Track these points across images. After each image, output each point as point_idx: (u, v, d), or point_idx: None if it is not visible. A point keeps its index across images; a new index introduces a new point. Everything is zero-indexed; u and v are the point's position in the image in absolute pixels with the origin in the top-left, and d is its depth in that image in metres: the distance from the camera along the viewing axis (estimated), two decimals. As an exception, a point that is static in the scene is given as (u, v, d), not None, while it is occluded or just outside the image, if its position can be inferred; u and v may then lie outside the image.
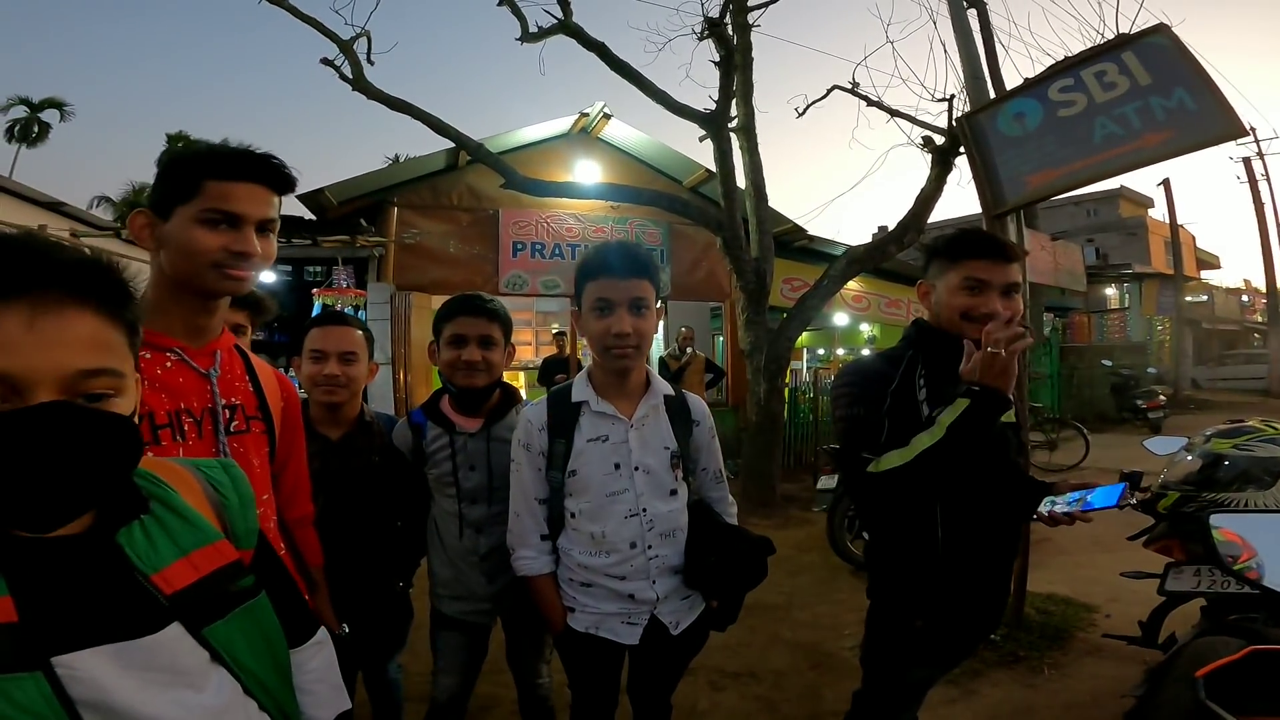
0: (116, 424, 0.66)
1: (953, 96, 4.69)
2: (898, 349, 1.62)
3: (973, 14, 6.98)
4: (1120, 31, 3.40)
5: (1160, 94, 2.49)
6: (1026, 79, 3.00)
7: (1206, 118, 2.37)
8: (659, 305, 1.58)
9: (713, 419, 1.72)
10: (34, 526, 0.63)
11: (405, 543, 1.94)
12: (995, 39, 7.65)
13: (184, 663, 0.70)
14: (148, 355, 1.12)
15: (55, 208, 10.04)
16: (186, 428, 1.14)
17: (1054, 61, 3.01)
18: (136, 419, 0.72)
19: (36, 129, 30.04)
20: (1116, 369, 12.77)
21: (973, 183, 3.07)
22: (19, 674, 0.59)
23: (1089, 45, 3.00)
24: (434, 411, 1.83)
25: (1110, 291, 20.78)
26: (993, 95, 4.32)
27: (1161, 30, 2.61)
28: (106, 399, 0.66)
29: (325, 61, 6.22)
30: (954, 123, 3.84)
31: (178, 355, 1.16)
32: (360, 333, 1.94)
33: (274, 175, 1.17)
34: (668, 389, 1.63)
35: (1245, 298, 28.24)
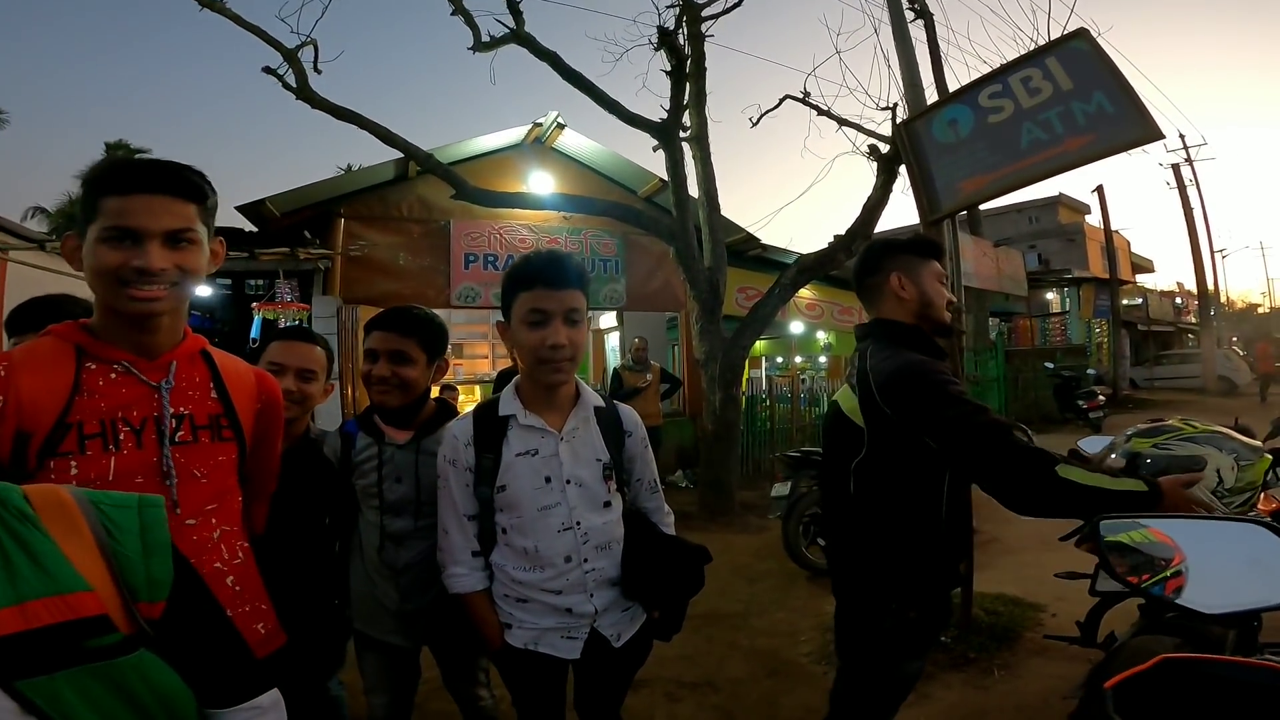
0: None
1: (895, 105, 4.81)
2: (899, 344, 1.64)
3: (920, 24, 7.20)
4: (1050, 38, 3.51)
5: (1081, 98, 2.57)
6: (960, 86, 3.08)
7: (1124, 121, 2.45)
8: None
9: (645, 429, 1.70)
10: None
11: (341, 560, 1.88)
12: (939, 48, 7.91)
13: None
14: (93, 366, 1.13)
15: (-26, 214, 9.48)
16: (123, 437, 1.12)
17: (990, 69, 3.09)
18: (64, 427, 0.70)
19: None
20: (1058, 371, 13.21)
21: (909, 191, 3.13)
22: None
23: (1023, 52, 3.10)
24: (366, 421, 1.80)
25: (1051, 296, 21.57)
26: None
27: (1082, 35, 2.70)
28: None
29: (268, 70, 6.03)
30: (894, 130, 3.93)
31: (124, 367, 1.15)
32: (322, 351, 1.93)
33: (175, 182, 1.12)
34: (598, 400, 1.61)
35: (1178, 300, 29.68)
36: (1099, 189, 18.76)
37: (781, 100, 6.74)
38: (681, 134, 6.48)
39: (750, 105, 6.76)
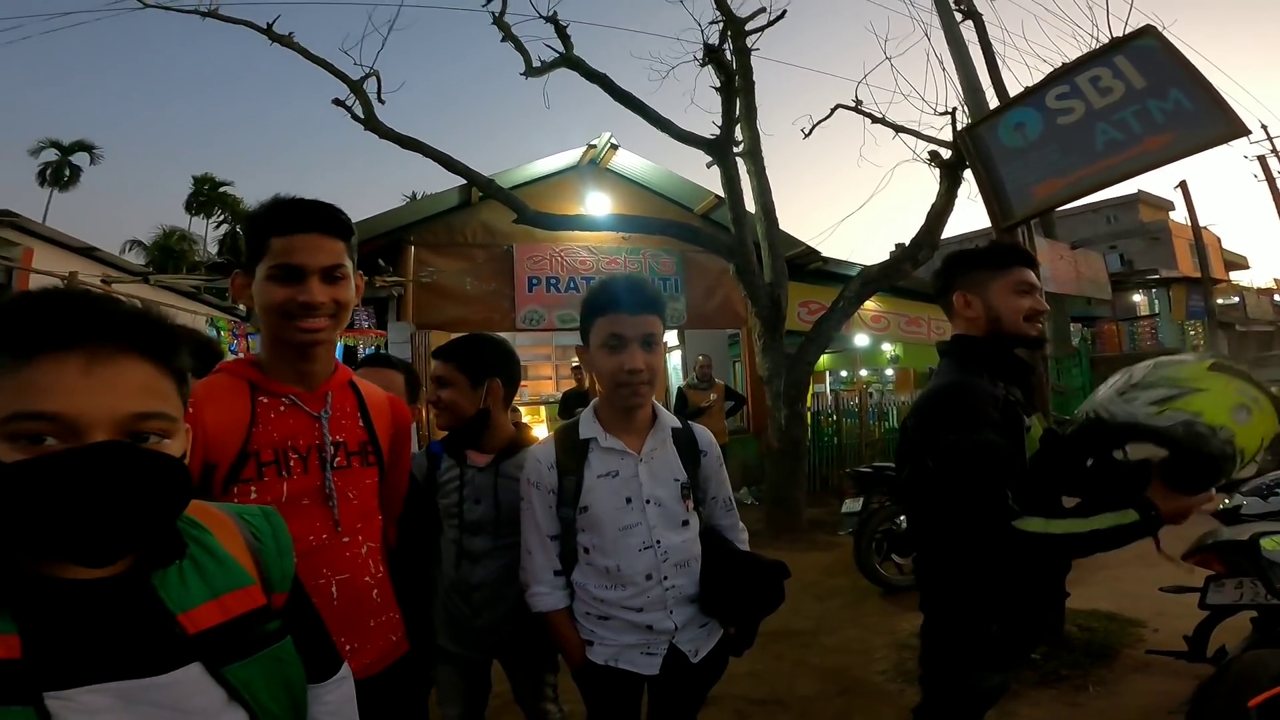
0: (169, 464, 0.70)
1: (954, 110, 4.68)
2: (966, 366, 1.59)
3: (969, 25, 7.00)
4: (1113, 35, 3.38)
5: (1157, 96, 2.47)
6: (1024, 89, 3.00)
7: (1205, 118, 2.34)
8: (669, 337, 1.63)
9: (719, 448, 1.73)
10: (89, 561, 0.67)
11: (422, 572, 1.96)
12: (993, 49, 7.65)
13: (194, 702, 0.72)
14: (265, 400, 1.25)
15: (88, 253, 10.41)
16: (292, 464, 1.24)
17: (1052, 69, 3.00)
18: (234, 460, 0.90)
19: (68, 172, 30.92)
20: (1149, 377, 12.33)
21: (979, 197, 3.05)
22: (10, 707, 0.62)
23: (1084, 50, 2.99)
24: (450, 444, 1.90)
25: (1138, 298, 20.37)
26: (993, 106, 4.30)
27: (1149, 32, 2.61)
28: (159, 441, 0.70)
29: (337, 102, 6.38)
30: (956, 136, 3.83)
31: (291, 400, 1.27)
32: (402, 377, 2.07)
33: (327, 221, 1.24)
34: (674, 421, 1.65)
35: (1278, 297, 27.49)
36: (1182, 184, 17.67)
37: (834, 110, 6.65)
38: (734, 149, 6.50)
39: (801, 116, 6.70)
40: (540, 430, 9.47)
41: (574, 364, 9.16)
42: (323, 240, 1.22)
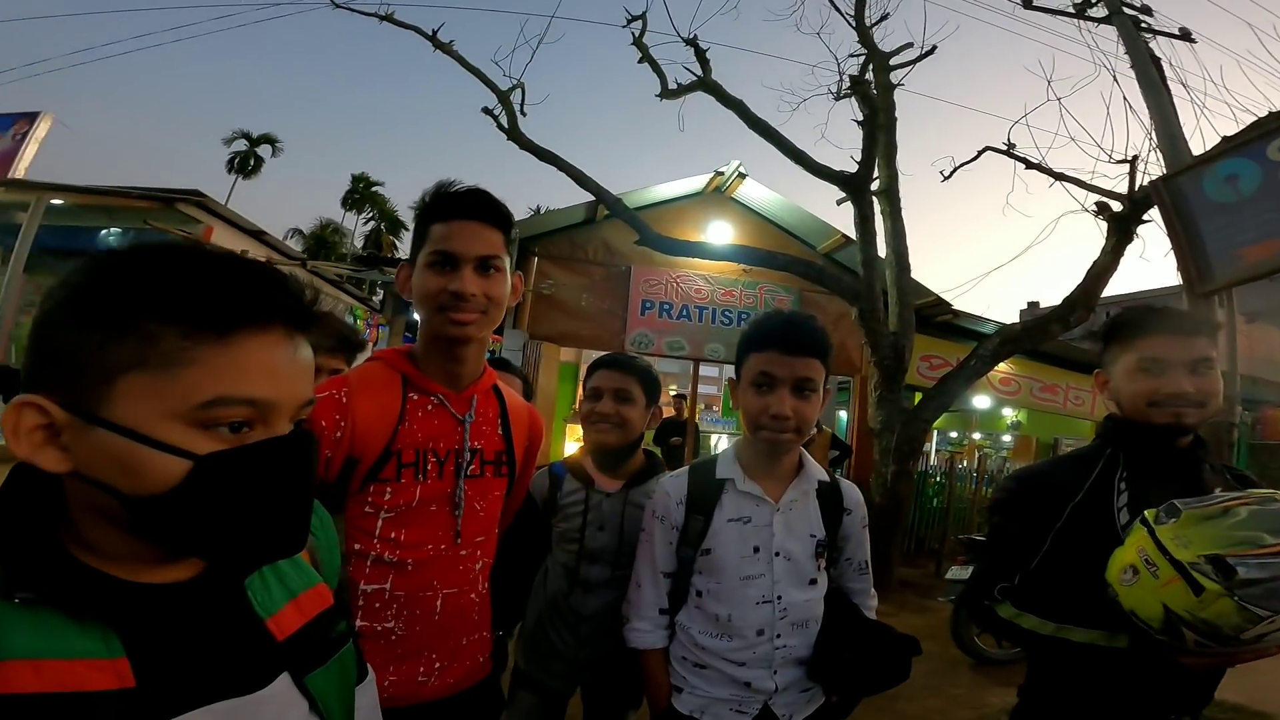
0: (316, 449, 0.67)
1: (1135, 158, 4.21)
2: (1091, 448, 1.45)
3: (1167, 62, 6.38)
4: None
5: None
6: (1235, 135, 2.59)
7: None
8: (829, 388, 1.50)
9: (865, 508, 1.61)
10: (290, 550, 0.63)
11: (518, 591, 1.90)
12: (1174, 95, 6.92)
13: (289, 718, 0.65)
14: (415, 397, 1.21)
15: (258, 236, 11.62)
16: (430, 467, 1.20)
17: (1257, 118, 2.59)
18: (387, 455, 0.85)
19: (252, 162, 34.74)
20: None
21: (1170, 256, 2.67)
22: None
23: None
24: (576, 466, 1.83)
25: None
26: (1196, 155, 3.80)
27: None
28: (302, 425, 0.67)
29: (486, 111, 6.75)
30: (1145, 186, 3.41)
31: (439, 400, 1.23)
32: (521, 383, 2.06)
33: (486, 209, 1.18)
34: (822, 474, 1.55)
35: None
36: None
37: (981, 152, 6.25)
38: (870, 187, 6.23)
39: (941, 157, 6.33)
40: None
41: (674, 392, 9.08)
42: (480, 229, 1.17)
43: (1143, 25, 4.69)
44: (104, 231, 11.45)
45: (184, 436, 0.54)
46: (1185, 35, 4.92)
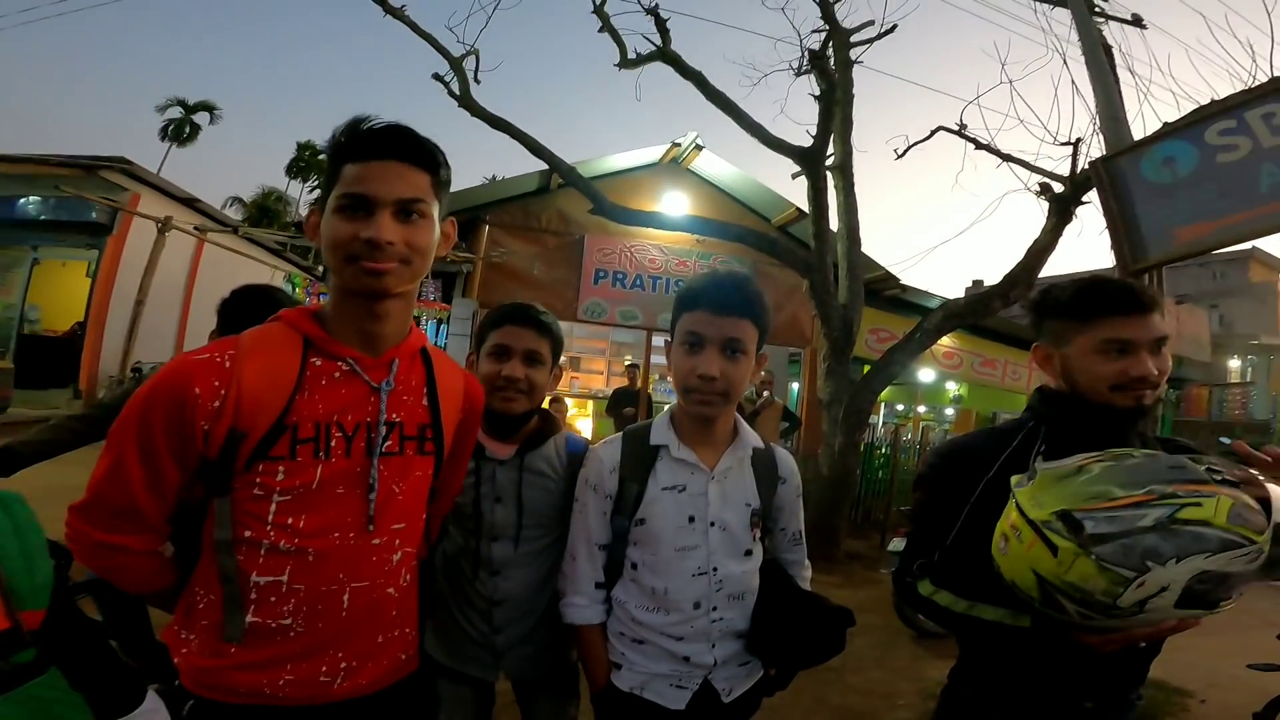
0: None
1: (1079, 141, 4.33)
2: (1015, 421, 1.41)
3: (1117, 49, 6.55)
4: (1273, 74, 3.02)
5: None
6: (1176, 119, 2.67)
7: None
8: (761, 352, 1.42)
9: (800, 477, 1.57)
10: None
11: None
12: (1121, 81, 7.15)
13: None
14: (318, 363, 1.05)
15: (190, 203, 11.04)
16: (334, 444, 1.04)
17: (1197, 106, 2.68)
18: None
19: (189, 129, 32.88)
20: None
21: (1105, 234, 2.76)
22: None
23: (1238, 89, 2.66)
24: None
25: (1234, 363, 18.96)
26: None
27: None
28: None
29: (436, 77, 6.50)
30: (1087, 166, 3.52)
31: (349, 365, 1.07)
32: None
33: (409, 148, 1.03)
34: (757, 441, 1.49)
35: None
36: (1307, 249, 16.32)
37: (934, 132, 6.34)
38: (825, 162, 6.27)
39: (896, 135, 6.40)
40: (584, 425, 9.46)
41: (628, 362, 9.07)
42: (401, 168, 1.02)
43: (1096, 10, 4.79)
44: (23, 200, 10.82)
45: None
46: (1137, 21, 5.05)
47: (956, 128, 5.98)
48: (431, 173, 1.06)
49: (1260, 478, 1.08)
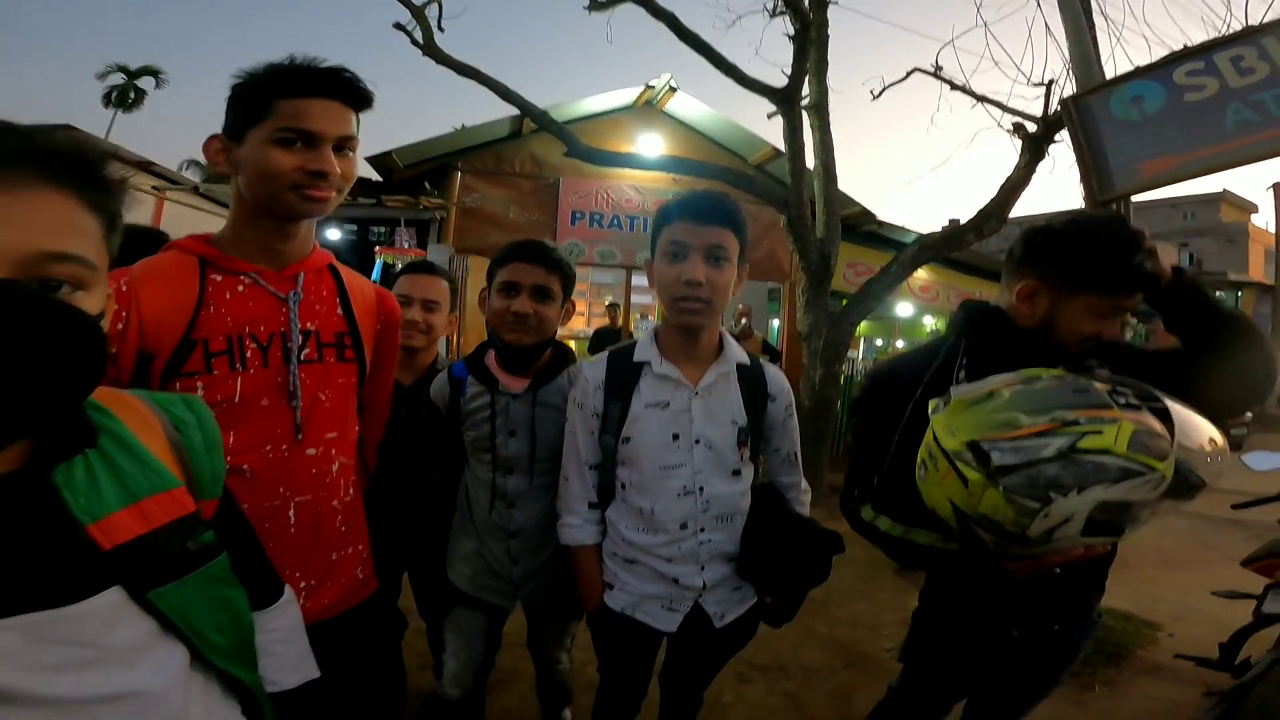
0: (82, 320, 0.54)
1: (1051, 81, 4.35)
2: (939, 339, 1.41)
3: None
4: (1248, 24, 3.06)
5: (1307, 81, 2.22)
6: (1149, 62, 2.73)
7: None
8: (744, 266, 1.43)
9: (792, 395, 1.56)
10: None
11: (445, 513, 1.78)
12: (1096, 27, 7.09)
13: (118, 636, 0.58)
14: (219, 279, 1.07)
15: (144, 167, 10.57)
16: (249, 354, 1.06)
17: (1170, 51, 2.73)
18: (109, 331, 0.63)
19: (133, 95, 31.03)
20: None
21: (1075, 169, 2.84)
22: None
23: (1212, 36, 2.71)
24: (477, 366, 1.63)
25: (1199, 299, 19.51)
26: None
27: (1312, 17, 2.33)
28: (71, 292, 0.55)
29: (398, 26, 6.23)
30: (1058, 105, 3.56)
31: (252, 279, 1.10)
32: (445, 283, 1.96)
33: (348, 90, 1.10)
34: (742, 356, 1.47)
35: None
36: (1276, 186, 16.58)
37: (909, 73, 6.28)
38: (800, 101, 6.19)
39: (872, 77, 6.33)
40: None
41: (608, 302, 9.09)
42: (340, 108, 1.08)
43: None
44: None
45: None
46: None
47: (932, 69, 5.93)
48: (359, 111, 1.12)
49: (1166, 398, 1.03)
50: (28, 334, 0.50)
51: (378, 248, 7.34)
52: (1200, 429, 1.05)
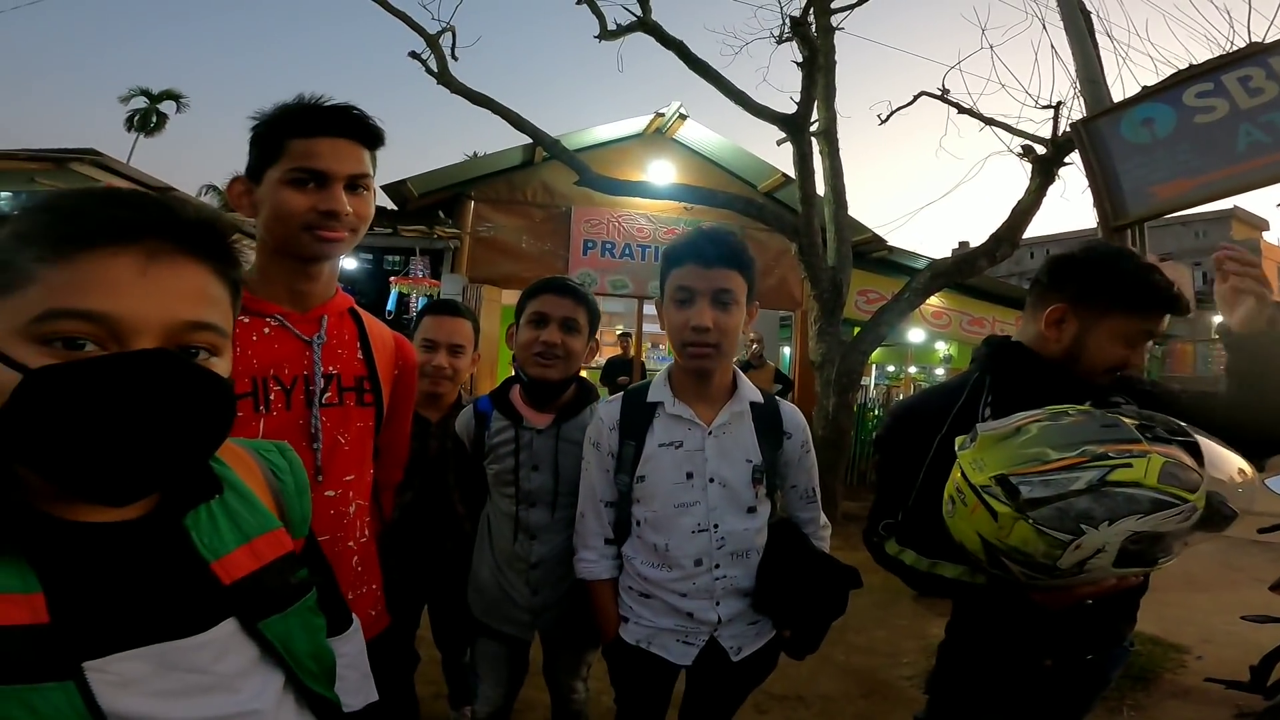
0: (219, 384, 0.60)
1: (1060, 103, 4.38)
2: (962, 375, 1.41)
3: (1094, 14, 6.54)
4: (1252, 41, 3.08)
5: (1313, 102, 2.22)
6: (1156, 83, 2.74)
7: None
8: (754, 304, 1.45)
9: (808, 431, 1.57)
10: (111, 498, 0.56)
11: (465, 546, 1.82)
12: (1100, 47, 7.16)
13: (228, 664, 0.63)
14: (245, 320, 1.08)
15: (164, 192, 10.79)
16: (273, 397, 1.08)
17: (1175, 70, 2.75)
18: None
19: (155, 119, 31.98)
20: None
21: (1088, 194, 2.84)
22: (46, 684, 0.51)
23: (1215, 55, 2.72)
24: (502, 401, 1.68)
25: (1217, 319, 19.29)
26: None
27: (1317, 34, 2.33)
28: (207, 358, 0.61)
29: (413, 55, 6.40)
30: (1067, 129, 3.57)
31: (278, 321, 1.11)
32: (470, 324, 1.99)
33: (358, 128, 1.11)
34: (756, 395, 1.49)
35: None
36: (1285, 203, 16.46)
37: (916, 97, 6.34)
38: (809, 128, 6.26)
39: (879, 101, 6.41)
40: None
41: (619, 331, 9.11)
42: (351, 146, 1.09)
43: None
44: (-4, 196, 10.61)
45: (21, 350, 0.52)
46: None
47: (939, 92, 5.99)
48: (373, 149, 1.13)
49: (1194, 432, 1.04)
50: (180, 399, 0.56)
51: (392, 278, 7.41)
52: (1229, 461, 1.06)
